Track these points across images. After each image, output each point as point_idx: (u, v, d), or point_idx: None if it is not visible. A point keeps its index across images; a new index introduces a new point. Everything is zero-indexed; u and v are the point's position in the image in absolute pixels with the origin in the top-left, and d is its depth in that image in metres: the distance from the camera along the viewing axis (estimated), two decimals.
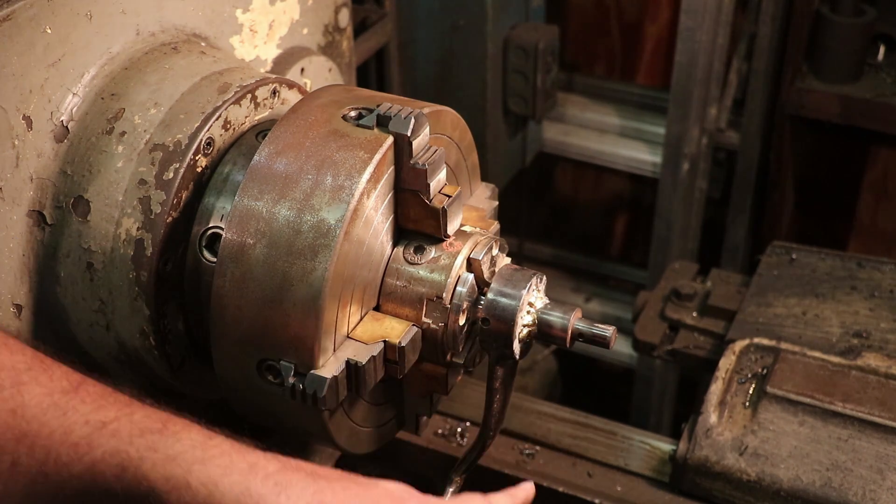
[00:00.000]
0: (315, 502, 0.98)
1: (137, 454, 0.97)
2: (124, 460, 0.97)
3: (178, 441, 0.99)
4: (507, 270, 1.29)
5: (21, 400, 0.98)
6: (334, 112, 1.23)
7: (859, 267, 1.93)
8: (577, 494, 1.65)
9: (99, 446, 0.97)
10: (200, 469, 0.97)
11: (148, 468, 0.96)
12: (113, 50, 1.33)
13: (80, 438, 0.97)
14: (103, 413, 1.00)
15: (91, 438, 0.98)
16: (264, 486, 0.97)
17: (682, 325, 1.98)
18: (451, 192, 1.23)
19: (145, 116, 1.30)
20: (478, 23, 2.76)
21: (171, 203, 1.26)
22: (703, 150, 2.88)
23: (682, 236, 3.03)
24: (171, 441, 0.99)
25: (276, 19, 1.59)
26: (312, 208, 1.15)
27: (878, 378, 1.65)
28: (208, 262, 1.29)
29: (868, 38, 2.63)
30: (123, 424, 0.99)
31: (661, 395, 3.16)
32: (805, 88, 2.61)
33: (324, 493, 0.99)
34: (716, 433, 1.60)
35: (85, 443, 0.97)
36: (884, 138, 2.84)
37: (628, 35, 3.24)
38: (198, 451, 0.98)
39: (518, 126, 3.09)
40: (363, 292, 1.23)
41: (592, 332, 1.27)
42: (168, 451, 0.97)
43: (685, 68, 2.73)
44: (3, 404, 0.97)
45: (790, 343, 1.74)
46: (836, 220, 3.15)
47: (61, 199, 1.29)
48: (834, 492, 1.52)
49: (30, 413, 0.98)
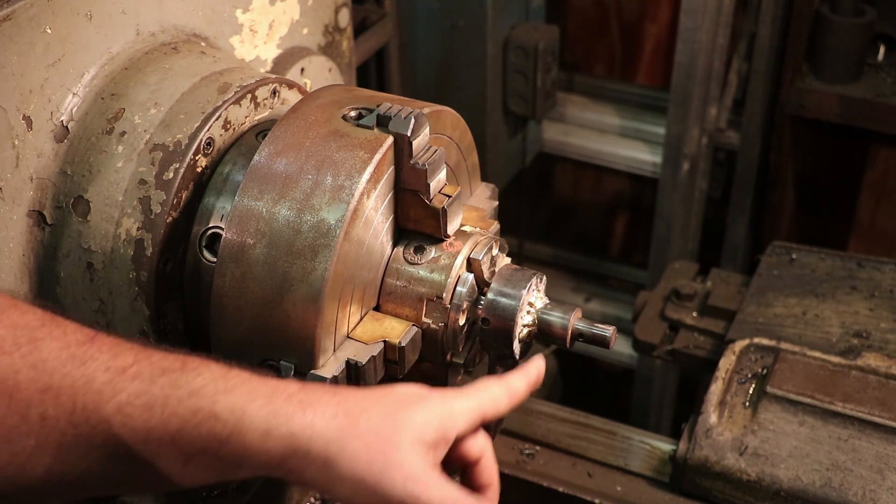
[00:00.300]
0: (340, 412, 1.01)
1: (162, 392, 0.98)
2: (149, 400, 0.98)
3: (198, 376, 1.00)
4: (507, 270, 1.29)
5: (40, 355, 0.98)
6: (334, 112, 1.23)
7: (859, 267, 1.93)
8: (577, 494, 1.65)
9: (122, 390, 0.98)
10: (225, 398, 0.99)
11: (174, 405, 0.98)
12: (113, 50, 1.33)
13: (102, 385, 0.98)
14: (121, 359, 1.01)
15: (114, 383, 0.99)
16: (290, 405, 1.00)
17: (682, 325, 1.98)
18: (451, 192, 1.23)
19: (145, 116, 1.30)
20: (478, 23, 2.76)
21: (171, 203, 1.26)
22: (703, 150, 2.88)
23: (682, 236, 3.03)
24: (192, 376, 1.00)
25: (276, 19, 1.59)
26: (312, 208, 1.15)
27: (878, 378, 1.65)
28: (208, 262, 1.29)
29: (868, 38, 2.63)
30: (143, 367, 1.00)
31: (661, 395, 3.16)
32: (805, 88, 2.61)
33: (346, 402, 1.02)
34: (716, 433, 1.60)
35: (108, 388, 0.98)
36: (884, 138, 2.84)
37: (628, 35, 3.24)
38: (220, 383, 1.00)
39: (518, 126, 3.09)
40: (363, 292, 1.23)
41: (592, 332, 1.27)
42: (191, 386, 0.99)
43: (685, 68, 2.73)
44: (23, 360, 0.97)
45: (790, 343, 1.74)
46: (836, 220, 3.15)
47: (61, 199, 1.29)
48: (834, 492, 1.52)
49: (50, 366, 0.98)
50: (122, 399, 0.98)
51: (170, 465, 0.99)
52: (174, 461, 0.99)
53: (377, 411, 1.03)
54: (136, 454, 0.99)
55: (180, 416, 0.98)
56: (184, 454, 0.99)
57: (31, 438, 0.97)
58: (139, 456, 0.99)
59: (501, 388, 1.13)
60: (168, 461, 0.99)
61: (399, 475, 0.99)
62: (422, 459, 1.01)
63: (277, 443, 0.98)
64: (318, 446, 0.99)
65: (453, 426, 1.05)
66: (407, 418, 1.02)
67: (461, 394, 1.09)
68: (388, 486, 0.99)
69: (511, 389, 1.14)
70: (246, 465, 1.00)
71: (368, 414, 1.02)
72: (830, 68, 2.61)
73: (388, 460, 1.00)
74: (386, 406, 1.03)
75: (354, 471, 0.99)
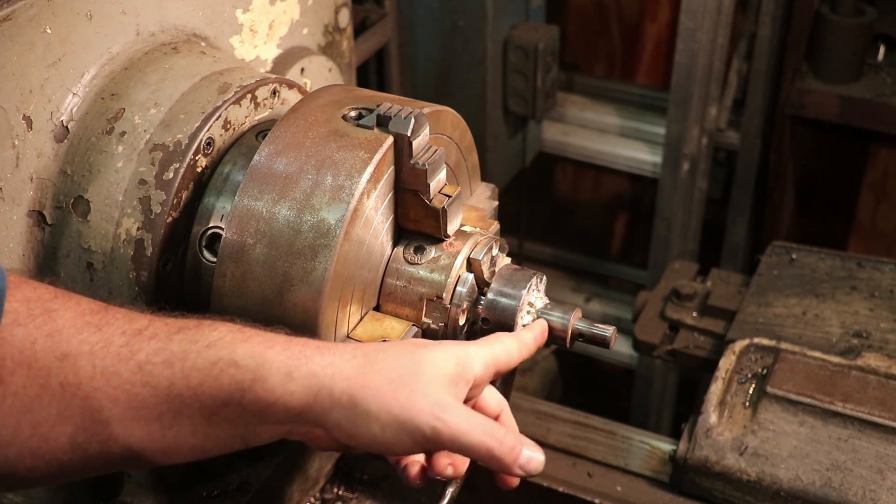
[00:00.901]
0: (359, 353, 1.02)
1: (180, 348, 0.98)
2: (168, 356, 0.98)
3: (214, 330, 1.01)
4: (507, 270, 1.29)
5: (55, 325, 0.98)
6: (334, 112, 1.23)
7: (859, 267, 1.93)
8: (577, 494, 1.65)
9: (140, 350, 0.98)
10: (243, 346, 0.99)
11: (193, 358, 0.98)
12: (113, 50, 1.33)
13: (120, 347, 0.98)
14: (137, 323, 1.01)
15: (131, 345, 0.99)
16: (308, 349, 1.01)
17: (682, 325, 1.98)
18: (451, 192, 1.23)
19: (145, 116, 1.30)
20: (478, 23, 2.76)
21: (171, 203, 1.26)
22: (703, 150, 2.88)
23: (682, 236, 3.03)
24: (208, 331, 1.01)
25: (276, 19, 1.59)
26: (312, 208, 1.15)
27: (878, 378, 1.65)
28: (208, 262, 1.29)
29: (868, 38, 2.63)
30: (159, 328, 1.01)
31: (661, 395, 3.16)
32: (805, 88, 2.61)
33: (363, 346, 1.04)
34: (716, 433, 1.60)
35: (126, 350, 0.98)
36: (884, 138, 2.84)
37: (628, 35, 3.24)
38: (237, 335, 1.01)
39: (518, 126, 3.09)
40: (363, 292, 1.23)
41: (592, 332, 1.27)
42: (208, 339, 1.00)
43: (685, 68, 2.73)
44: (39, 330, 0.97)
45: (790, 343, 1.74)
46: (836, 220, 3.15)
47: (61, 199, 1.29)
48: (834, 492, 1.52)
49: (66, 334, 0.98)
50: (140, 358, 0.98)
51: (194, 425, 0.99)
52: (198, 419, 0.98)
53: (395, 351, 1.04)
54: (161, 414, 0.98)
55: (200, 369, 0.98)
56: (207, 409, 0.98)
57: (52, 407, 0.96)
58: (163, 416, 0.98)
59: (513, 339, 1.15)
60: (192, 419, 0.98)
61: (426, 403, 0.99)
62: (445, 390, 1.02)
63: (299, 384, 0.98)
64: (341, 385, 0.98)
65: (470, 367, 1.06)
66: (425, 355, 1.03)
67: (476, 342, 1.11)
68: (417, 414, 0.98)
69: (521, 340, 1.17)
70: (269, 414, 0.99)
71: (387, 354, 1.03)
72: (830, 68, 2.61)
73: (413, 391, 0.99)
74: (403, 347, 1.05)
75: (381, 404, 0.98)
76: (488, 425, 1.01)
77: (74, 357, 0.97)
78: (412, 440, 1.00)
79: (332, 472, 1.67)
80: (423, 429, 0.99)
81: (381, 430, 0.99)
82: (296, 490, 1.59)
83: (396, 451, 1.02)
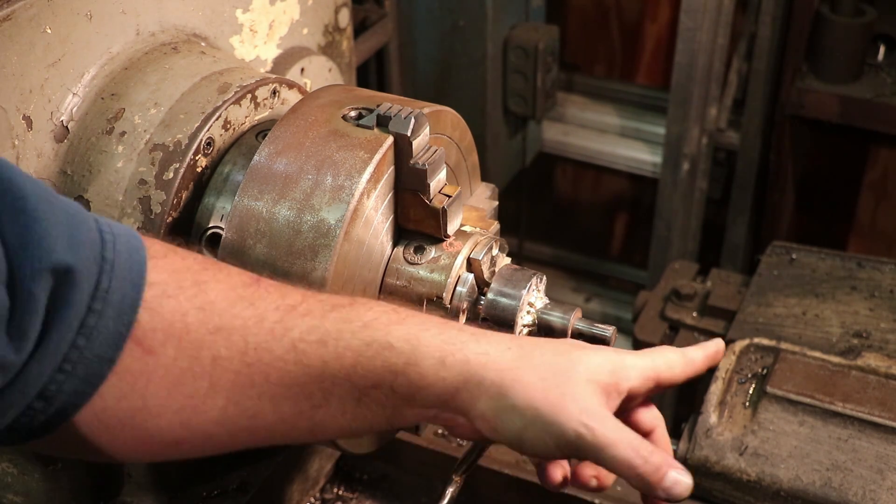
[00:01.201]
0: (514, 345, 1.00)
1: (334, 327, 0.97)
2: (323, 335, 0.96)
3: (369, 310, 0.99)
4: (507, 270, 1.29)
5: (206, 297, 0.96)
6: (334, 112, 1.23)
7: (859, 267, 1.93)
8: (577, 494, 1.65)
9: (294, 327, 0.97)
10: (399, 328, 0.98)
11: (348, 338, 0.96)
12: (113, 50, 1.33)
13: (273, 324, 0.97)
14: (290, 298, 0.99)
15: (285, 322, 0.97)
16: (463, 334, 0.99)
17: (682, 325, 1.98)
18: (451, 192, 1.23)
19: (145, 116, 1.30)
20: (478, 23, 2.76)
21: (171, 203, 1.26)
22: (703, 150, 2.88)
23: (682, 236, 3.03)
24: (363, 311, 0.99)
25: (276, 19, 1.59)
26: (312, 208, 1.15)
27: (878, 378, 1.65)
28: None
29: (868, 38, 2.63)
30: (313, 304, 0.99)
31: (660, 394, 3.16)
32: (805, 88, 2.61)
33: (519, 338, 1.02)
34: (716, 433, 1.60)
35: (280, 326, 0.96)
36: (884, 138, 2.84)
37: (628, 35, 3.24)
38: (392, 315, 0.99)
39: (518, 126, 3.09)
40: (363, 292, 1.23)
41: (592, 332, 1.27)
42: (363, 319, 0.98)
43: (685, 68, 2.73)
44: (190, 302, 0.95)
45: (790, 343, 1.74)
46: (836, 220, 3.15)
47: None
48: (834, 492, 1.52)
49: (219, 307, 0.96)
50: (294, 336, 0.96)
51: (343, 405, 0.97)
52: (347, 399, 0.97)
53: (551, 348, 1.01)
54: (311, 393, 0.97)
55: (354, 349, 0.96)
56: (358, 390, 0.97)
57: (203, 380, 0.95)
58: (313, 395, 0.97)
59: (677, 355, 1.08)
60: (341, 400, 0.97)
61: (574, 407, 0.96)
62: (597, 398, 0.98)
63: (452, 370, 0.96)
64: (493, 375, 0.96)
65: (626, 377, 1.01)
66: (582, 357, 1.00)
67: (635, 352, 1.06)
68: (564, 417, 0.95)
69: (687, 357, 1.09)
70: (419, 398, 0.97)
71: (543, 349, 1.00)
72: (830, 68, 2.61)
73: (564, 392, 0.96)
74: (560, 345, 1.02)
75: (529, 400, 0.96)
76: (636, 441, 0.97)
77: (227, 331, 0.95)
78: (555, 443, 0.97)
79: (332, 472, 1.67)
80: (567, 433, 0.96)
81: (525, 427, 0.97)
82: (296, 490, 1.59)
83: (538, 451, 0.99)
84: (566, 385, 0.97)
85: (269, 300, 0.98)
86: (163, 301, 0.94)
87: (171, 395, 0.95)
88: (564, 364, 0.99)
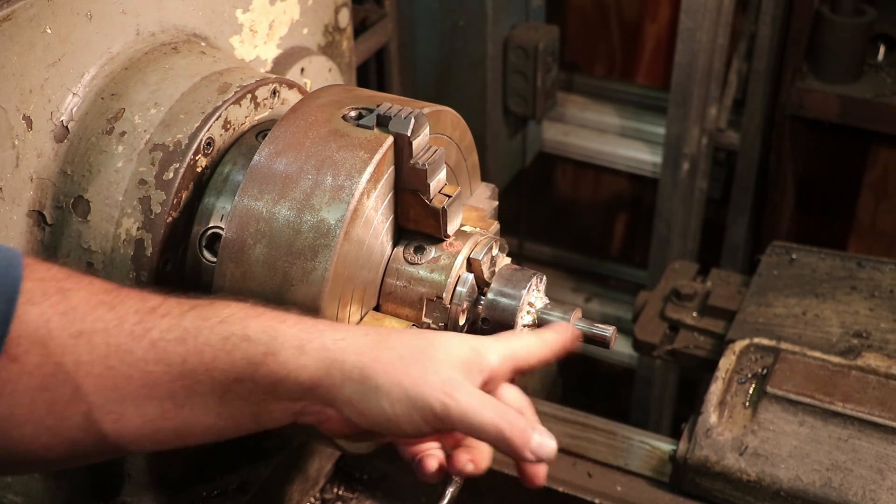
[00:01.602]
0: (371, 331, 1.02)
1: (193, 324, 0.99)
2: (182, 333, 0.98)
3: (226, 307, 1.01)
4: (507, 270, 1.29)
5: (69, 303, 0.98)
6: (334, 112, 1.23)
7: (859, 267, 1.93)
8: (577, 494, 1.65)
9: (154, 327, 0.98)
10: (256, 321, 0.99)
11: (206, 334, 0.98)
12: (113, 50, 1.33)
13: (133, 325, 0.98)
14: (150, 301, 1.01)
15: (144, 323, 0.99)
16: (320, 325, 1.01)
17: (682, 325, 1.98)
18: (451, 192, 1.23)
19: (145, 116, 1.30)
20: (478, 23, 2.76)
21: (171, 203, 1.26)
22: (703, 150, 2.88)
23: (682, 236, 3.03)
24: (220, 308, 1.01)
25: (276, 19, 1.59)
26: (312, 208, 1.15)
27: (878, 378, 1.65)
28: (208, 262, 1.29)
29: (868, 38, 2.63)
30: (172, 306, 1.01)
31: (661, 395, 3.16)
32: (805, 88, 2.61)
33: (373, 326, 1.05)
34: (716, 433, 1.60)
35: (140, 328, 0.98)
36: (884, 138, 2.84)
37: (628, 35, 3.25)
38: (249, 311, 1.01)
39: (518, 126, 3.09)
40: (363, 292, 1.23)
41: (592, 332, 1.27)
42: (220, 315, 0.99)
43: (685, 68, 2.73)
44: (53, 309, 0.97)
45: (790, 343, 1.74)
46: (836, 220, 3.15)
47: (61, 199, 1.29)
48: (834, 492, 1.52)
49: (80, 312, 0.98)
50: (154, 335, 0.98)
51: (206, 403, 0.99)
52: (210, 397, 0.98)
53: (408, 333, 1.04)
54: (174, 392, 0.98)
55: (213, 344, 0.98)
56: (220, 385, 0.98)
57: (67, 386, 0.96)
58: (176, 394, 0.98)
59: (533, 337, 1.11)
60: (204, 397, 0.98)
61: (436, 379, 0.98)
62: (457, 371, 1.00)
63: (311, 357, 0.97)
64: (352, 358, 0.98)
65: (485, 357, 1.03)
66: (439, 338, 1.03)
67: (492, 336, 1.09)
68: (428, 390, 0.97)
69: (543, 338, 1.12)
70: (282, 390, 0.98)
71: (399, 333, 1.03)
72: (830, 68, 2.61)
73: (425, 367, 0.98)
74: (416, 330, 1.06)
75: (391, 378, 0.97)
76: (500, 406, 1.00)
77: (89, 335, 0.97)
78: (422, 417, 0.98)
79: (332, 472, 1.67)
80: (433, 405, 0.97)
81: (391, 405, 0.98)
82: (296, 490, 1.59)
83: (406, 430, 1.00)
84: (426, 361, 0.99)
85: (129, 303, 1.00)
86: (28, 308, 0.96)
87: (36, 401, 0.96)
88: (422, 344, 1.01)
